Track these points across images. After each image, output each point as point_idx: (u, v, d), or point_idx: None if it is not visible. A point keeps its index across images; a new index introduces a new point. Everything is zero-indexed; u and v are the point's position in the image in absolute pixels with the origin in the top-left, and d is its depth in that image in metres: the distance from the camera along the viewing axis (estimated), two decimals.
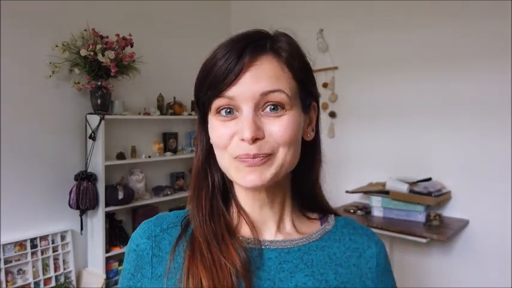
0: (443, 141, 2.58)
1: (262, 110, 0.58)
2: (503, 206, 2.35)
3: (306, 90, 0.63)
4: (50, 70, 2.56)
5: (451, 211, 2.56)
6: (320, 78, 3.15)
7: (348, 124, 3.05)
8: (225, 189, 0.67)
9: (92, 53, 2.58)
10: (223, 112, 0.59)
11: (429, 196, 2.36)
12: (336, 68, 3.08)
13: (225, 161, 0.61)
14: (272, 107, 0.58)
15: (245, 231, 0.64)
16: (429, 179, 2.57)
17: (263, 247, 0.62)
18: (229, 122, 0.59)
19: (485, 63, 2.41)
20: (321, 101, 3.12)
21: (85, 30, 2.68)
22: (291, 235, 0.65)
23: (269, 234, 0.64)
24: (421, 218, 2.41)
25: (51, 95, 2.66)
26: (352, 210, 2.66)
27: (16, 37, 2.49)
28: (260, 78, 0.57)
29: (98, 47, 2.59)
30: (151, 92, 3.15)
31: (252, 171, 0.58)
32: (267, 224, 0.65)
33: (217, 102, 0.59)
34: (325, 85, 3.10)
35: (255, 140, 0.56)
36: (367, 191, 2.68)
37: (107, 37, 2.70)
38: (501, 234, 2.36)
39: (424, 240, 2.28)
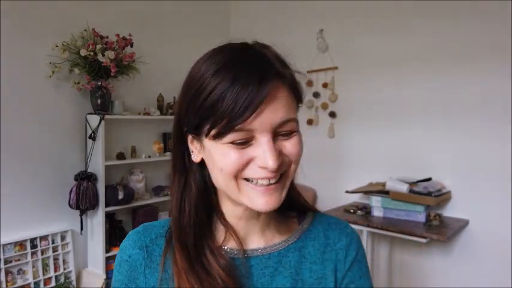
0: (443, 141, 2.58)
1: (276, 136, 0.58)
2: (503, 206, 2.35)
3: (298, 106, 0.64)
4: (50, 70, 2.56)
5: (451, 211, 2.56)
6: (320, 78, 3.15)
7: (348, 124, 3.05)
8: (207, 201, 0.66)
9: (92, 53, 2.58)
10: (238, 141, 0.56)
11: (429, 196, 2.36)
12: (336, 68, 3.08)
13: (230, 186, 0.59)
14: (285, 133, 0.59)
15: (230, 241, 0.65)
16: (429, 179, 2.57)
17: (247, 255, 0.65)
18: (245, 149, 0.57)
19: (485, 64, 2.41)
20: (321, 101, 3.16)
21: (85, 30, 2.68)
22: (273, 238, 0.68)
23: (252, 242, 0.67)
24: (421, 218, 2.41)
25: (51, 95, 2.66)
26: (352, 210, 2.66)
27: (16, 37, 2.49)
28: (278, 109, 0.56)
29: (98, 47, 2.59)
30: (151, 92, 3.15)
31: (267, 194, 0.58)
32: (252, 234, 0.67)
33: (234, 136, 0.55)
34: (325, 85, 3.10)
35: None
36: (367, 191, 2.68)
37: (107, 37, 2.70)
38: (501, 234, 2.36)
39: (424, 240, 2.27)
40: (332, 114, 3.09)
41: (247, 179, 0.58)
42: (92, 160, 2.75)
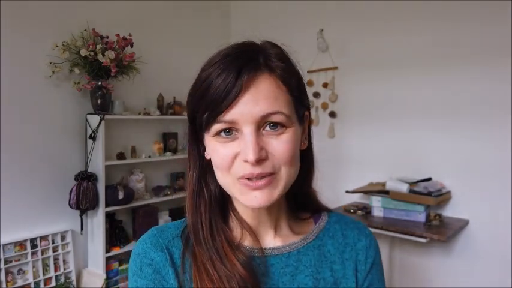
0: (443, 141, 2.58)
1: (263, 129, 0.57)
2: (503, 206, 2.35)
3: (300, 102, 0.62)
4: (50, 70, 2.56)
5: (451, 211, 2.56)
6: (320, 78, 3.15)
7: (348, 124, 3.05)
8: (222, 200, 0.66)
9: (92, 53, 2.58)
10: (222, 133, 0.58)
11: (429, 196, 2.36)
12: (336, 68, 3.08)
13: (227, 181, 0.60)
14: (272, 125, 0.57)
15: (246, 240, 0.65)
16: (429, 179, 2.57)
17: (266, 254, 0.64)
18: (230, 142, 0.58)
19: (485, 64, 2.41)
20: (321, 101, 3.16)
21: (85, 30, 2.68)
22: (289, 238, 0.67)
23: (268, 240, 0.66)
24: (421, 218, 2.41)
25: (51, 95, 2.66)
26: (352, 210, 2.66)
27: (16, 37, 2.49)
28: (259, 100, 0.55)
29: (98, 47, 2.59)
30: (151, 92, 3.15)
31: (258, 192, 0.58)
32: (265, 231, 0.67)
33: (217, 127, 0.57)
34: (325, 85, 3.10)
35: (258, 161, 0.56)
36: (367, 191, 2.68)
37: (107, 37, 2.70)
38: (501, 234, 2.36)
39: (424, 240, 2.27)
40: (332, 114, 3.09)
41: (242, 177, 0.58)
42: (92, 160, 2.74)
